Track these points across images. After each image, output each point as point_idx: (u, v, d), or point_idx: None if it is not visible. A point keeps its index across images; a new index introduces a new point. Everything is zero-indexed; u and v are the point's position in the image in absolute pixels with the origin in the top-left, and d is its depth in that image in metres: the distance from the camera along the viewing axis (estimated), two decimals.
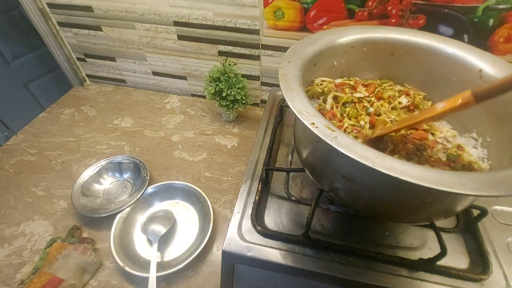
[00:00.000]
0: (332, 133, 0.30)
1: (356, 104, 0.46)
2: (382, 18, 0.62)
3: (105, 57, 0.92)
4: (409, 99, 0.47)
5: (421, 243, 0.47)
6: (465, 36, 0.59)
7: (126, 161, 0.70)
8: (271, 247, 0.44)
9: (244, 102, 0.78)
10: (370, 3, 0.61)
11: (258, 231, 0.46)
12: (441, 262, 0.43)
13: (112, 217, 0.59)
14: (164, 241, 0.57)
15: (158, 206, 0.64)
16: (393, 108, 0.46)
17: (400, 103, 0.47)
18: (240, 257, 0.44)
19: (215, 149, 0.77)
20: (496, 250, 0.45)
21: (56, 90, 1.13)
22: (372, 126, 0.43)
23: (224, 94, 0.74)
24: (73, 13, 0.82)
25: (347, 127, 0.42)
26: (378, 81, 0.52)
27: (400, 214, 0.39)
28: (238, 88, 0.75)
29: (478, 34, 0.58)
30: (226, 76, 0.74)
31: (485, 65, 0.44)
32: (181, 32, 0.78)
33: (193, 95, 0.95)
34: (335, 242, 0.44)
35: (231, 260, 0.45)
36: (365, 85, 0.50)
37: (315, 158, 0.41)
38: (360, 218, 0.49)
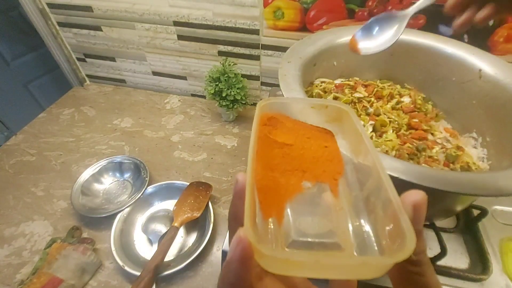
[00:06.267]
0: None
1: (356, 104, 0.46)
2: None
3: (104, 57, 0.92)
4: (411, 99, 0.47)
5: None
6: (465, 36, 0.59)
7: (126, 161, 0.70)
8: None
9: (244, 102, 0.78)
10: (370, 3, 0.61)
11: None
12: (441, 262, 0.43)
13: (112, 217, 0.58)
14: None
15: (158, 206, 0.64)
16: (393, 108, 0.46)
17: (401, 102, 0.47)
18: None
19: (215, 149, 0.77)
20: (496, 250, 0.45)
21: (55, 90, 1.13)
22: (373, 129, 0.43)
23: (224, 94, 0.74)
24: (73, 13, 0.82)
25: None
26: (378, 81, 0.52)
27: None
28: (238, 88, 0.75)
29: (478, 34, 0.58)
30: (226, 76, 0.74)
31: (485, 65, 0.44)
32: (181, 32, 0.78)
33: (193, 95, 0.95)
34: None
35: None
36: (365, 86, 0.50)
37: None
38: None
